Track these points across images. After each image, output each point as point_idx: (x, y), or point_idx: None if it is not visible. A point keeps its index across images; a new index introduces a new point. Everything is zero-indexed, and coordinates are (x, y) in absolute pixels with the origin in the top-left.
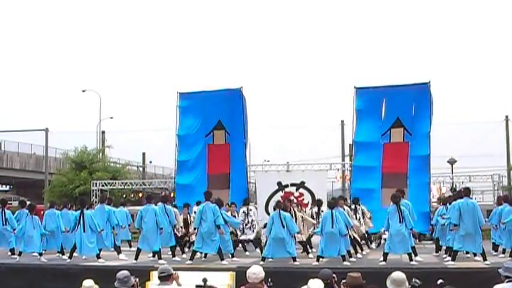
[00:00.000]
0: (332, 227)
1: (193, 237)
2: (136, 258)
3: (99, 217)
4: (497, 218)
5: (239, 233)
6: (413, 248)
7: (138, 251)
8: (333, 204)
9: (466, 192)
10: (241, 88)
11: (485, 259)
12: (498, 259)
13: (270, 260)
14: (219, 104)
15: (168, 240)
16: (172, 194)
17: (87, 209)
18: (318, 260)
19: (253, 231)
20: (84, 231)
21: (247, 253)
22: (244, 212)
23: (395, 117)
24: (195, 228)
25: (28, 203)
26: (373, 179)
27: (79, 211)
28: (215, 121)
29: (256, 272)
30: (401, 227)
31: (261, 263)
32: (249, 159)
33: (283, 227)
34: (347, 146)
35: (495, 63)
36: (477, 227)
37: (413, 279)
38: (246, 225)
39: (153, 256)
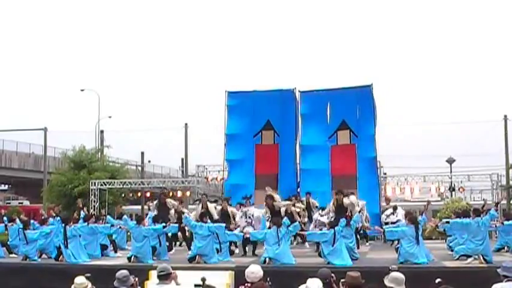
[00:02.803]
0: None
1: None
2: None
3: (85, 233)
4: None
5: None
6: None
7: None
8: (334, 223)
9: (477, 213)
10: (294, 89)
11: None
12: (497, 258)
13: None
14: (269, 104)
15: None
16: (171, 193)
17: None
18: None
19: (252, 226)
20: (66, 247)
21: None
22: (242, 211)
23: (340, 119)
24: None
25: None
26: (322, 181)
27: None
28: (264, 121)
29: (254, 271)
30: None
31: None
32: None
33: (279, 245)
34: None
35: (494, 63)
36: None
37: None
38: (245, 222)
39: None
